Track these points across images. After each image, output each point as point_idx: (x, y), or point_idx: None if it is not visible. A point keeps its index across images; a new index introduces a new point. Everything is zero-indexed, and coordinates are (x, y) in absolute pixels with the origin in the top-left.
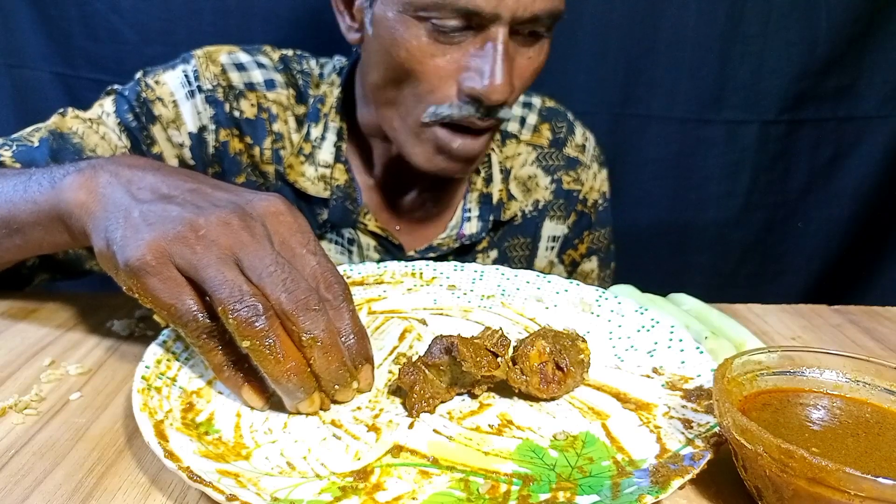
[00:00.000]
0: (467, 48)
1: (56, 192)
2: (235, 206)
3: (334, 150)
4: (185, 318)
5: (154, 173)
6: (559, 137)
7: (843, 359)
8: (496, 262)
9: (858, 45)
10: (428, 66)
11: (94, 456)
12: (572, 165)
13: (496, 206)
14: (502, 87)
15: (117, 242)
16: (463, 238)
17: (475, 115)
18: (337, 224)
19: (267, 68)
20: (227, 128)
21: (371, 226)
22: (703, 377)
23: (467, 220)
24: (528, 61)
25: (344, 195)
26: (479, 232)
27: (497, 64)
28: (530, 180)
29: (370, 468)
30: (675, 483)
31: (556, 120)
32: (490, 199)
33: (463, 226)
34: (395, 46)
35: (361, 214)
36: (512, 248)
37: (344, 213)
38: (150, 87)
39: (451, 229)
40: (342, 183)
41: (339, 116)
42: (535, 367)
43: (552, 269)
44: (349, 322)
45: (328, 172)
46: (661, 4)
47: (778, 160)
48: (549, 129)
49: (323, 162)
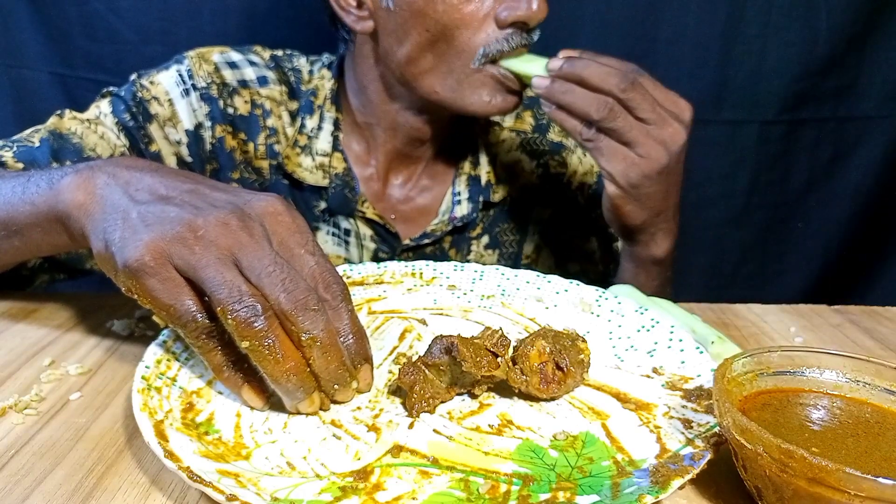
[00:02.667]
0: None
1: (54, 194)
2: (234, 206)
3: (332, 140)
4: (184, 318)
5: (152, 174)
6: (542, 123)
7: (843, 359)
8: (488, 247)
9: (858, 45)
10: (466, 11)
11: (94, 456)
12: (557, 149)
13: (485, 187)
14: (542, 6)
15: (116, 243)
16: (455, 220)
17: (522, 42)
18: (336, 211)
19: (259, 66)
20: (222, 124)
21: (369, 213)
22: (703, 377)
23: (457, 203)
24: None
25: (343, 183)
26: (469, 213)
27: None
28: (516, 165)
29: (370, 468)
30: (675, 483)
31: (539, 106)
32: (479, 181)
33: (454, 209)
34: (429, 4)
35: (360, 202)
36: (502, 232)
37: (343, 200)
38: (146, 87)
39: (442, 214)
40: (340, 171)
41: (333, 107)
42: (535, 367)
43: (541, 252)
44: (348, 322)
45: (326, 161)
46: (661, 4)
47: (778, 160)
48: (531, 116)
49: (321, 151)
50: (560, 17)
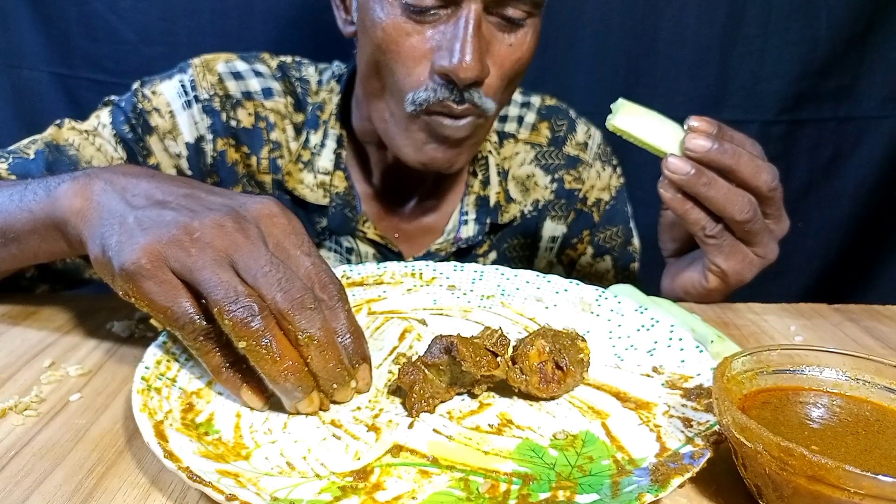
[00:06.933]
0: (440, 27)
1: (51, 201)
2: (229, 208)
3: (334, 158)
4: (181, 320)
5: (148, 180)
6: (559, 136)
7: (842, 357)
8: (495, 263)
9: (858, 45)
10: (403, 45)
11: (94, 457)
12: (573, 164)
13: (493, 208)
14: (471, 65)
15: (112, 248)
16: (460, 241)
17: (450, 98)
18: (336, 231)
19: (264, 76)
20: (224, 137)
21: (370, 234)
22: (702, 376)
23: (464, 224)
24: (509, 49)
25: (343, 202)
26: (475, 235)
27: (467, 41)
28: (529, 179)
29: (370, 468)
30: (674, 481)
31: (557, 118)
32: (487, 201)
33: (460, 229)
34: (373, 28)
35: (360, 222)
36: (511, 248)
37: (343, 220)
38: (147, 98)
39: (448, 233)
40: (342, 190)
41: (338, 123)
42: (534, 367)
43: (551, 269)
44: (345, 321)
45: (327, 179)
46: (661, 4)
47: (778, 160)
48: (547, 128)
49: (322, 169)
50: (560, 17)
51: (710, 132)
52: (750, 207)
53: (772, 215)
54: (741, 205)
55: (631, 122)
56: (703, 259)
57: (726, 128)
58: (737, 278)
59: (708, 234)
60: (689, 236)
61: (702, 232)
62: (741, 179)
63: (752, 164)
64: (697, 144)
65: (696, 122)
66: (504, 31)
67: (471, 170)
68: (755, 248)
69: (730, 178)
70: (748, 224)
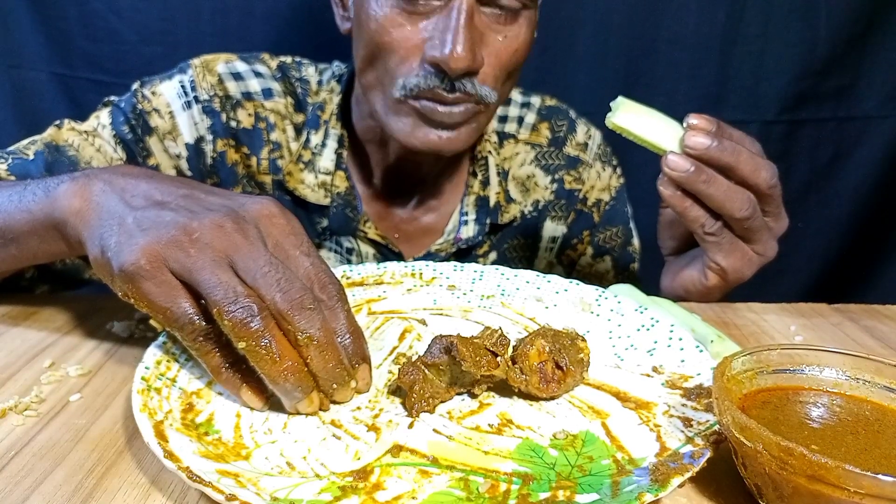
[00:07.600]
0: (433, 18)
1: (50, 201)
2: (228, 209)
3: (335, 157)
4: (180, 321)
5: (148, 181)
6: (559, 136)
7: (842, 356)
8: (495, 263)
9: (858, 45)
10: (395, 36)
11: (94, 457)
12: (573, 164)
13: (493, 209)
14: (462, 56)
15: (112, 249)
16: (459, 242)
17: (441, 86)
18: (337, 231)
19: (264, 77)
20: (224, 138)
21: (371, 234)
22: (702, 375)
23: (464, 224)
24: (504, 41)
25: (344, 202)
26: (475, 235)
27: (459, 32)
28: (529, 180)
29: (370, 468)
30: (674, 481)
31: (557, 118)
32: (487, 202)
33: (460, 230)
34: (367, 20)
35: (361, 222)
36: (511, 249)
37: (344, 220)
38: (147, 99)
39: (448, 234)
40: (342, 190)
41: (339, 123)
42: (534, 367)
43: (551, 270)
44: (344, 322)
45: (328, 179)
46: (661, 4)
47: (778, 160)
48: (547, 128)
49: (323, 169)
50: (560, 17)
51: (710, 130)
52: (749, 205)
53: (771, 213)
54: (740, 202)
55: (631, 120)
56: (702, 257)
57: (725, 125)
58: (736, 276)
59: (707, 232)
60: (688, 234)
61: (701, 229)
62: (740, 177)
63: (751, 161)
64: (697, 142)
65: (695, 120)
66: (499, 23)
67: (471, 170)
68: (754, 246)
69: (729, 176)
70: (747, 221)
